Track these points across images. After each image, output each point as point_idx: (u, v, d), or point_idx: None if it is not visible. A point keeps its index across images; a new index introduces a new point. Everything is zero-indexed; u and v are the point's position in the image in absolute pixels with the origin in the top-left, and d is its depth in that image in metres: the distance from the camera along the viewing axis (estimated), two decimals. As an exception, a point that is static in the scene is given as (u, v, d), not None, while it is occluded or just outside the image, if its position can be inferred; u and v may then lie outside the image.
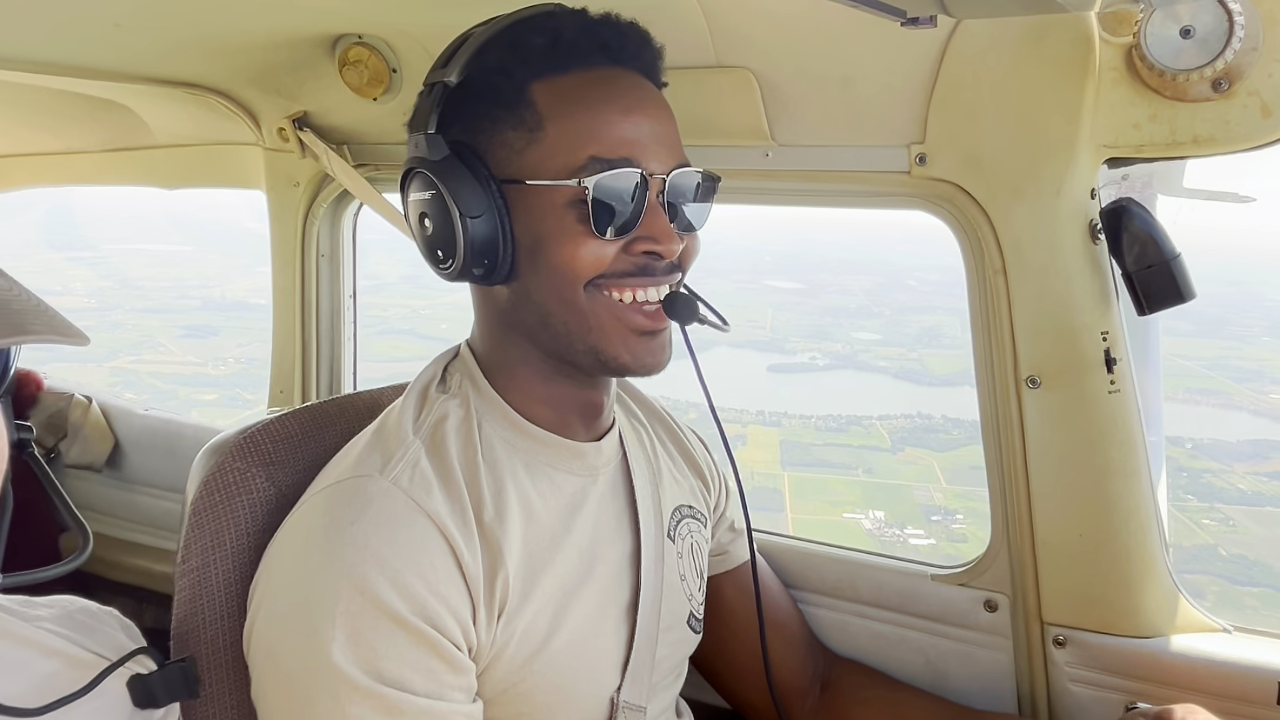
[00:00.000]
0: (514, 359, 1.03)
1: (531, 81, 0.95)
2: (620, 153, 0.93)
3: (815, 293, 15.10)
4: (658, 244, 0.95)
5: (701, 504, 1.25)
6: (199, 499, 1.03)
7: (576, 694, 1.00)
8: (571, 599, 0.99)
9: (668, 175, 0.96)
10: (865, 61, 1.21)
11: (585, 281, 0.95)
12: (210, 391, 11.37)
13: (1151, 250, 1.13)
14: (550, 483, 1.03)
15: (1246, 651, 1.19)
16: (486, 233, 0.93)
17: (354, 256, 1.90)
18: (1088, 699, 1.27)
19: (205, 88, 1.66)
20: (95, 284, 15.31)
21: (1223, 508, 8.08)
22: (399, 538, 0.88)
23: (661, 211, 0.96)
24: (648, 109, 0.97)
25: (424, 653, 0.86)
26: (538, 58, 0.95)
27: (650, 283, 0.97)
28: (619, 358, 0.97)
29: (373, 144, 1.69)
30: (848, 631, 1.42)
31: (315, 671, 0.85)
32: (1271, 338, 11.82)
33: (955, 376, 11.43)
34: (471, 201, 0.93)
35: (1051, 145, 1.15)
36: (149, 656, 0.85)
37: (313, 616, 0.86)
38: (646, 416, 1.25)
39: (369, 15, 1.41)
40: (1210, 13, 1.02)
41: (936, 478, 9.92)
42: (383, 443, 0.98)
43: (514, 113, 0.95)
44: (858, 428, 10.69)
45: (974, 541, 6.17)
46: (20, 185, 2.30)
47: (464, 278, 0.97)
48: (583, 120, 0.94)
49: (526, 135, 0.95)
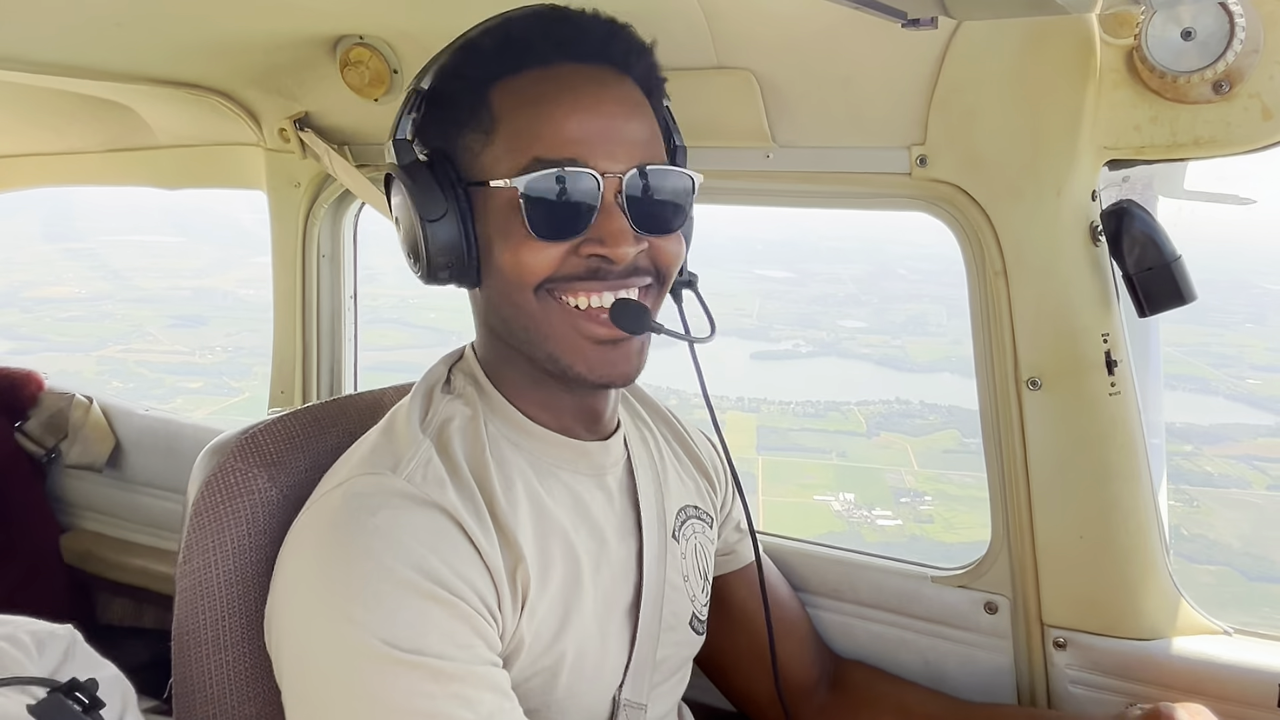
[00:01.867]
0: (503, 361, 1.03)
1: (489, 85, 0.95)
2: (565, 153, 0.91)
3: (805, 281, 15.28)
4: (604, 246, 0.91)
5: (707, 504, 1.25)
6: (200, 499, 1.03)
7: (580, 692, 1.00)
8: (577, 597, 1.00)
9: (624, 175, 0.92)
10: (866, 63, 1.21)
11: (534, 286, 0.93)
12: (196, 379, 11.69)
13: (1152, 252, 1.13)
14: (557, 481, 1.03)
15: (1247, 654, 1.19)
16: (448, 236, 0.94)
17: (355, 257, 1.90)
18: (1088, 701, 1.27)
19: (207, 88, 1.66)
20: (86, 275, 15.45)
21: (1188, 489, 8.57)
22: (419, 529, 0.88)
23: (618, 212, 0.92)
24: (602, 105, 0.94)
25: (457, 624, 0.86)
26: (491, 60, 0.95)
27: (602, 287, 0.94)
28: (574, 367, 0.95)
29: (374, 144, 1.69)
30: (848, 633, 1.42)
31: (355, 657, 0.84)
32: (1255, 324, 12.06)
33: (937, 363, 11.93)
34: (431, 205, 0.93)
35: (1052, 147, 1.15)
36: (42, 688, 0.84)
37: (343, 605, 0.85)
38: (651, 417, 1.25)
39: (370, 16, 1.41)
40: (1211, 15, 1.02)
41: (909, 461, 10.12)
42: (393, 443, 0.98)
43: (474, 116, 0.95)
44: (835, 413, 10.93)
45: (939, 523, 6.32)
46: (23, 185, 2.31)
47: (433, 280, 0.97)
48: (529, 120, 0.92)
49: (483, 138, 0.95)
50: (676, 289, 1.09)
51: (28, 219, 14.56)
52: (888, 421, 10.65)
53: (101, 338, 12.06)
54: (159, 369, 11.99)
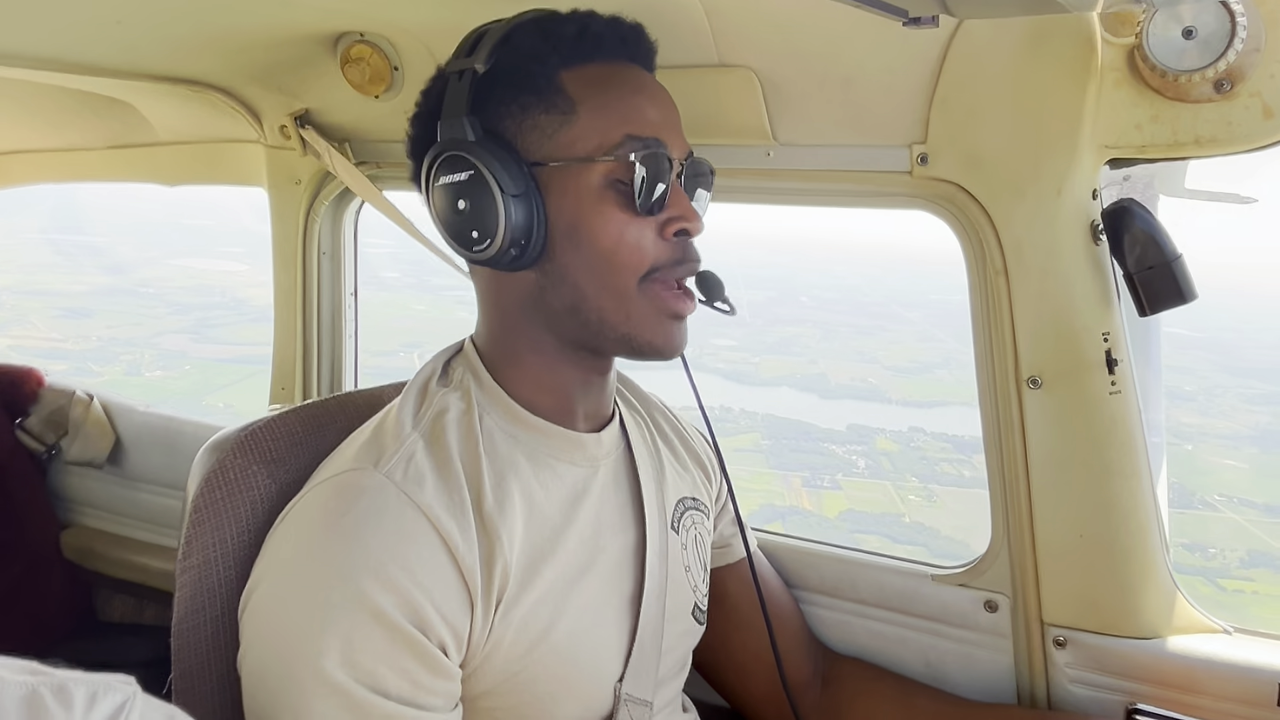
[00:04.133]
0: (525, 346, 1.04)
1: (561, 69, 0.98)
2: (651, 132, 0.98)
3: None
4: (687, 220, 0.99)
5: (704, 495, 1.26)
6: (200, 496, 1.03)
7: (578, 684, 1.00)
8: (573, 589, 1.00)
9: (685, 160, 1.02)
10: (867, 61, 1.21)
11: (642, 275, 0.98)
12: (61, 363, 12.29)
13: (1153, 251, 1.13)
14: (552, 473, 1.03)
15: (1247, 653, 1.19)
16: (524, 213, 0.95)
17: (355, 254, 1.90)
18: (1088, 700, 1.27)
19: (207, 85, 1.66)
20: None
21: (935, 487, 10.52)
22: (388, 530, 0.88)
23: (684, 193, 1.01)
24: (664, 99, 1.03)
25: (402, 652, 0.86)
26: (568, 46, 0.98)
27: (694, 268, 1.02)
28: (653, 342, 1.00)
29: (374, 142, 1.69)
30: (847, 631, 1.42)
31: (292, 661, 0.85)
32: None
33: (780, 379, 13.48)
34: (512, 180, 0.95)
35: (1053, 146, 1.15)
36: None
37: (298, 605, 0.87)
38: (645, 409, 1.26)
39: (371, 13, 1.41)
40: (1212, 14, 1.02)
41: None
42: (380, 438, 0.98)
43: (545, 98, 0.98)
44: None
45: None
46: (22, 182, 2.31)
47: (498, 260, 0.97)
48: (615, 103, 0.98)
49: (559, 118, 0.97)
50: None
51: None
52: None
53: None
54: (28, 352, 12.62)
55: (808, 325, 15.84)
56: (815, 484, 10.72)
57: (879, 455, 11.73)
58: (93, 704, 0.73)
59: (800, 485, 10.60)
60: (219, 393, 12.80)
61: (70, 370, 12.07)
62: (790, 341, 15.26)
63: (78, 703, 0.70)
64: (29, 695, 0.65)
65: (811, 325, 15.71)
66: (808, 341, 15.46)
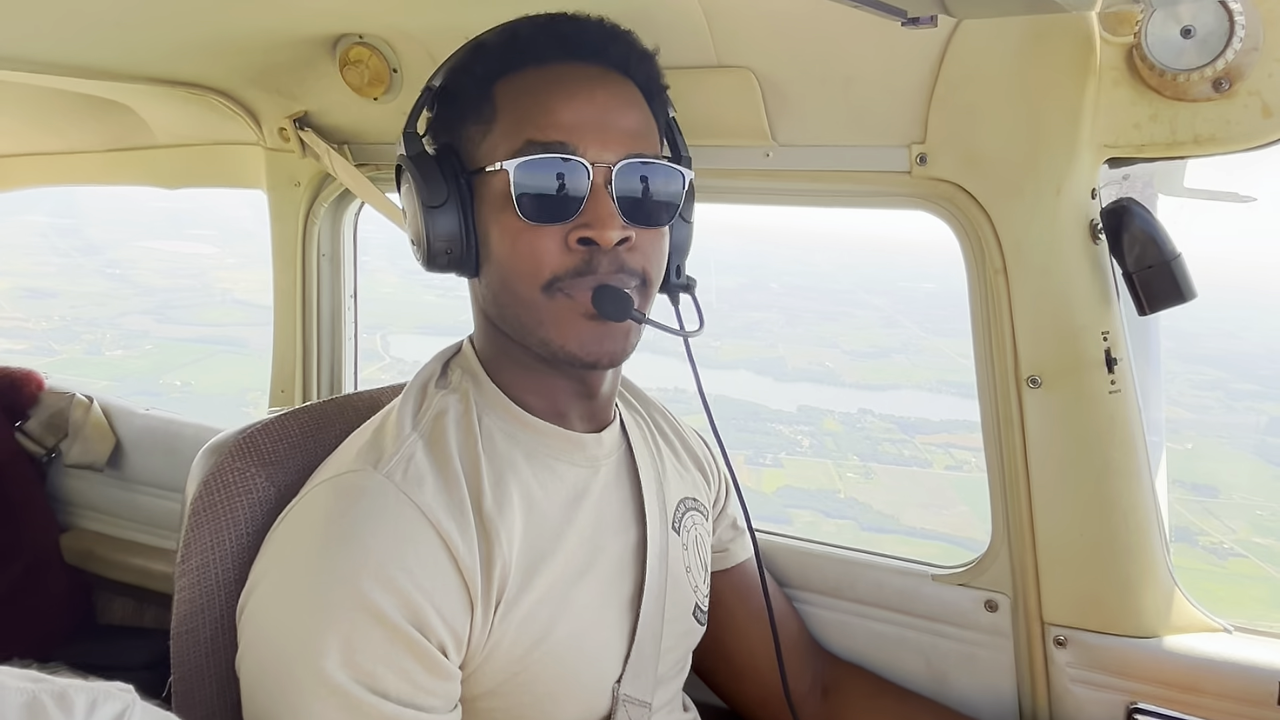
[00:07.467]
0: (499, 350, 1.05)
1: (494, 80, 0.99)
2: (555, 136, 0.93)
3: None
4: (591, 229, 0.92)
5: (704, 497, 1.26)
6: (199, 499, 1.03)
7: (578, 684, 1.00)
8: (573, 589, 1.00)
9: (614, 164, 0.94)
10: (866, 61, 1.21)
11: (544, 285, 0.95)
12: (23, 342, 12.81)
13: (1152, 250, 1.13)
14: (551, 473, 1.03)
15: (1247, 652, 1.19)
16: (447, 223, 0.97)
17: (355, 256, 1.90)
18: (1088, 699, 1.27)
19: (206, 87, 1.66)
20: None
21: (875, 465, 11.10)
22: (388, 531, 0.88)
23: (606, 199, 0.93)
24: (596, 96, 0.96)
25: (402, 653, 0.86)
26: (496, 58, 0.99)
27: (593, 281, 0.95)
28: (566, 346, 0.96)
29: (373, 144, 1.69)
30: (847, 632, 1.42)
31: (291, 661, 0.85)
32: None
33: (739, 362, 13.71)
34: (432, 192, 0.97)
35: (1052, 145, 1.15)
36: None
37: (298, 606, 0.87)
38: (646, 410, 1.26)
39: (370, 16, 1.41)
40: (1211, 13, 1.01)
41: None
42: (380, 439, 0.98)
43: (475, 109, 0.99)
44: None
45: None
46: (23, 185, 2.31)
47: (433, 266, 1.00)
48: (526, 108, 0.96)
49: (484, 128, 0.98)
50: (675, 291, 1.10)
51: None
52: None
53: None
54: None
55: (774, 311, 16.04)
56: (757, 461, 10.79)
57: (824, 435, 11.93)
58: (92, 711, 0.73)
59: (743, 462, 10.66)
60: (178, 371, 12.90)
61: (31, 350, 12.25)
62: (753, 326, 15.41)
63: (78, 709, 0.71)
64: (30, 701, 0.65)
65: (777, 311, 15.92)
66: (770, 326, 15.65)
